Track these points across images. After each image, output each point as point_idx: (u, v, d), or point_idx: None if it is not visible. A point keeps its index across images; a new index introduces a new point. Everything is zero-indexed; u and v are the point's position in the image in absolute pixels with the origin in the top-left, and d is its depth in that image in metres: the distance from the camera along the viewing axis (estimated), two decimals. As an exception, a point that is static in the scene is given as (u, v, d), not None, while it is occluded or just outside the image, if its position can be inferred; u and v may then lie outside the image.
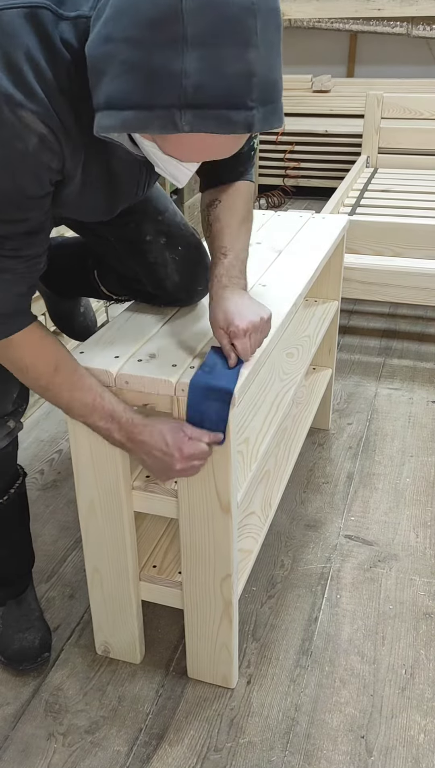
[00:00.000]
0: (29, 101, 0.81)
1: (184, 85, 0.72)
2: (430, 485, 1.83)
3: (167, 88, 0.73)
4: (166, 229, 1.19)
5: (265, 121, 0.77)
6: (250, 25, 0.73)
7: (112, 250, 1.25)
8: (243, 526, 1.37)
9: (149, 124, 0.75)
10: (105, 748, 1.21)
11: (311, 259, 1.51)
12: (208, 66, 0.72)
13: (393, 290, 2.39)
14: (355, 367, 2.41)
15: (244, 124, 0.75)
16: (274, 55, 0.77)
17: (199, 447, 1.03)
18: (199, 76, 0.72)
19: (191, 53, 0.71)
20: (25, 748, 1.21)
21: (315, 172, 4.35)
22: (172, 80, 0.72)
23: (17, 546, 1.37)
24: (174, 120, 0.74)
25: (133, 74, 0.74)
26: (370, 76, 4.76)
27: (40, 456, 1.97)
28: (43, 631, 1.38)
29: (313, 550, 1.63)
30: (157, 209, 1.19)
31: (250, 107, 0.75)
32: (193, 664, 1.31)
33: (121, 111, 0.75)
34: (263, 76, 0.75)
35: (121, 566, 1.24)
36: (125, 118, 0.75)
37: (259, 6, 0.73)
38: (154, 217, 1.18)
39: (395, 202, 3.07)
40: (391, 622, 1.44)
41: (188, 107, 0.73)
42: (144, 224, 1.18)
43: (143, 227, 1.18)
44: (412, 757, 1.18)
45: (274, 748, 1.20)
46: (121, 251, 1.23)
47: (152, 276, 1.22)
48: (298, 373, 1.52)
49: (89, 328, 1.67)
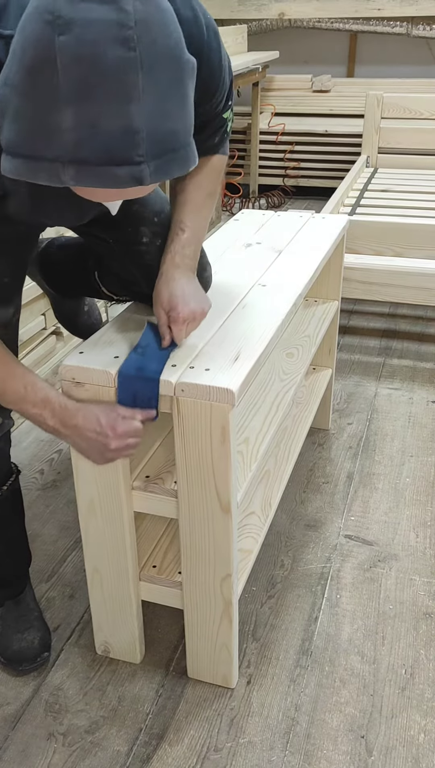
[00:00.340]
0: None
1: (64, 140, 0.70)
2: (430, 485, 1.84)
3: (49, 141, 0.71)
4: (163, 231, 1.19)
5: (160, 173, 0.75)
6: (130, 79, 0.70)
7: (110, 251, 1.25)
8: (243, 526, 1.37)
9: (37, 174, 0.73)
10: (105, 748, 1.21)
11: (311, 259, 1.51)
12: (84, 122, 0.70)
13: (393, 290, 2.39)
14: (355, 367, 2.41)
15: (131, 179, 0.73)
16: (170, 103, 0.74)
17: (132, 425, 1.05)
18: (76, 132, 0.70)
19: (67, 108, 0.69)
20: (25, 748, 1.21)
21: (315, 172, 4.36)
22: (54, 134, 0.71)
23: (12, 545, 1.37)
24: (57, 173, 0.72)
25: (22, 123, 0.72)
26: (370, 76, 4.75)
27: (39, 456, 1.97)
28: (43, 631, 1.38)
29: (313, 550, 1.63)
30: (154, 211, 1.19)
31: (136, 162, 0.72)
32: (193, 664, 1.31)
33: (15, 158, 0.74)
34: (151, 129, 0.72)
35: (120, 566, 1.24)
36: (17, 165, 0.74)
37: (141, 59, 0.70)
38: (150, 219, 1.18)
39: (395, 202, 3.07)
40: (391, 622, 1.44)
41: (70, 162, 0.71)
42: (140, 226, 1.18)
43: (140, 229, 1.18)
44: (412, 757, 1.18)
45: (274, 748, 1.20)
46: (118, 253, 1.23)
47: (149, 278, 1.22)
48: (298, 373, 1.52)
49: (93, 327, 1.68)
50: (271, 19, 4.61)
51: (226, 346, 1.14)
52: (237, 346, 1.13)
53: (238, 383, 1.03)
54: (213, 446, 1.06)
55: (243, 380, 1.04)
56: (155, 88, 0.72)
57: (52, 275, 1.50)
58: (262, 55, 4.22)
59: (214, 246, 1.59)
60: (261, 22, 4.65)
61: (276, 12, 4.58)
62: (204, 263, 1.25)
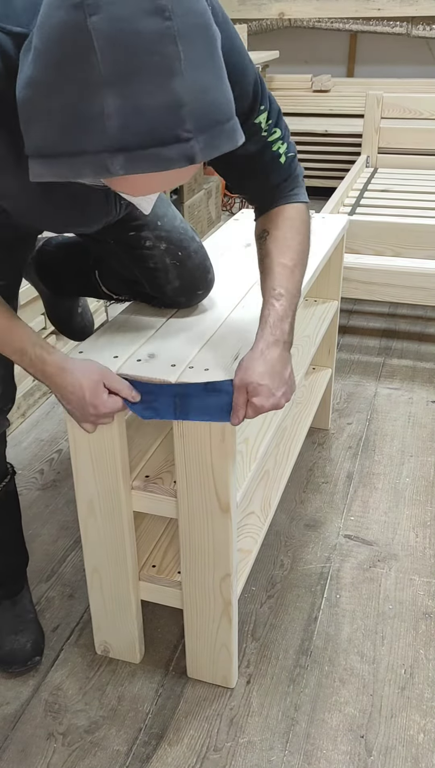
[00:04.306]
0: None
1: (108, 127, 0.67)
2: (430, 485, 1.84)
3: (92, 132, 0.68)
4: (166, 235, 1.18)
5: (210, 148, 0.71)
6: (170, 51, 0.66)
7: (112, 253, 1.24)
8: (242, 526, 1.37)
9: (82, 171, 0.70)
10: (104, 748, 1.21)
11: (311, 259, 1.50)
12: (129, 104, 0.66)
13: (393, 290, 2.39)
14: (355, 367, 2.41)
15: (182, 157, 0.69)
16: (209, 75, 0.70)
17: (114, 404, 1.03)
18: (121, 116, 0.66)
19: (109, 92, 0.66)
20: (24, 748, 1.21)
21: (315, 171, 4.35)
22: (95, 124, 0.67)
23: (7, 545, 1.36)
24: (105, 165, 0.69)
25: (57, 120, 0.69)
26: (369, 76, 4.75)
27: (39, 456, 1.97)
28: (37, 634, 1.37)
29: (312, 549, 1.63)
30: (157, 214, 1.18)
31: (185, 139, 0.69)
32: (193, 664, 1.31)
33: (51, 159, 0.71)
34: (196, 102, 0.69)
35: (120, 566, 1.24)
36: (56, 166, 0.71)
37: (178, 28, 0.67)
38: (154, 223, 1.18)
39: (395, 201, 3.07)
40: (390, 621, 1.44)
41: (118, 150, 0.68)
42: (144, 230, 1.17)
43: (143, 233, 1.17)
44: (411, 757, 1.18)
45: (274, 747, 1.20)
46: (121, 256, 1.23)
47: (153, 281, 1.22)
48: (298, 373, 1.52)
49: (87, 328, 1.67)
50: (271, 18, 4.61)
51: (226, 345, 1.14)
52: (237, 346, 1.13)
53: (237, 383, 1.03)
54: (212, 446, 1.06)
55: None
56: (194, 58, 0.68)
57: (49, 275, 1.50)
58: (262, 55, 4.22)
59: (214, 246, 1.59)
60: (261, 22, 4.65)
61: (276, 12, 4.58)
62: (208, 266, 1.25)
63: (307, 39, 4.77)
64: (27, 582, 1.43)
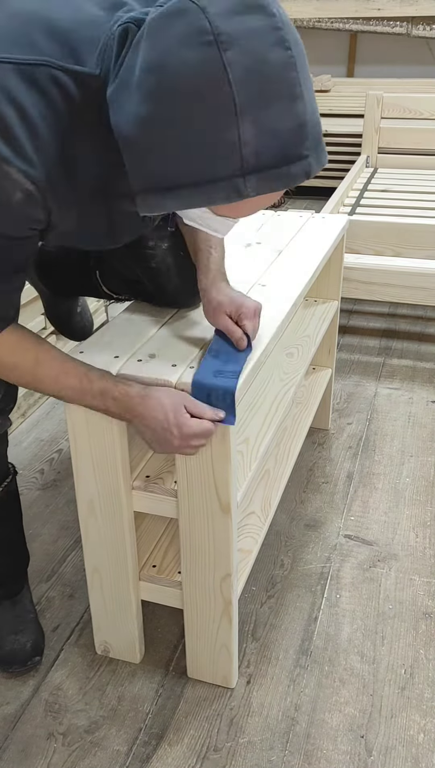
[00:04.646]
0: (16, 157, 0.80)
1: (244, 153, 0.73)
2: (430, 485, 1.84)
3: (227, 159, 0.73)
4: (168, 234, 1.19)
5: (317, 164, 0.78)
6: (293, 77, 0.74)
7: (114, 253, 1.25)
8: (243, 526, 1.37)
9: (214, 198, 0.75)
10: (105, 748, 1.21)
11: (311, 259, 1.51)
12: (264, 129, 0.73)
13: (393, 290, 2.39)
14: (355, 367, 2.41)
15: (303, 173, 0.77)
16: (313, 96, 0.79)
17: (200, 427, 1.01)
18: (256, 141, 0.72)
19: (245, 120, 0.72)
20: (24, 748, 1.21)
21: (315, 171, 4.35)
22: (230, 151, 0.72)
23: (8, 545, 1.36)
24: (238, 188, 0.74)
25: (186, 153, 0.74)
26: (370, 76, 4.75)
27: (40, 456, 1.97)
28: (36, 634, 1.37)
29: (312, 549, 1.63)
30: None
31: (304, 156, 0.76)
32: (193, 664, 1.31)
33: (178, 190, 0.75)
34: (312, 121, 0.76)
35: (120, 566, 1.24)
36: (185, 196, 0.76)
37: (295, 57, 0.75)
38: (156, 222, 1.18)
39: (395, 201, 3.07)
40: (390, 621, 1.44)
41: (250, 173, 0.74)
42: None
43: (145, 233, 1.18)
44: (411, 757, 1.18)
45: (274, 747, 1.20)
46: (122, 255, 1.23)
47: (154, 280, 1.22)
48: (298, 372, 1.52)
49: (86, 329, 1.67)
50: (271, 18, 4.61)
51: (226, 346, 1.14)
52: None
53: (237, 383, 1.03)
54: (213, 446, 1.06)
55: (243, 380, 1.04)
56: (306, 83, 0.76)
57: (50, 275, 1.50)
58: (262, 55, 4.21)
59: (214, 246, 1.59)
60: (261, 22, 4.65)
61: (276, 12, 4.57)
62: None
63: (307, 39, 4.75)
64: (27, 582, 1.43)
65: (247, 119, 0.72)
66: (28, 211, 0.85)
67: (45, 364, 1.02)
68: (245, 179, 0.74)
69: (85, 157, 0.85)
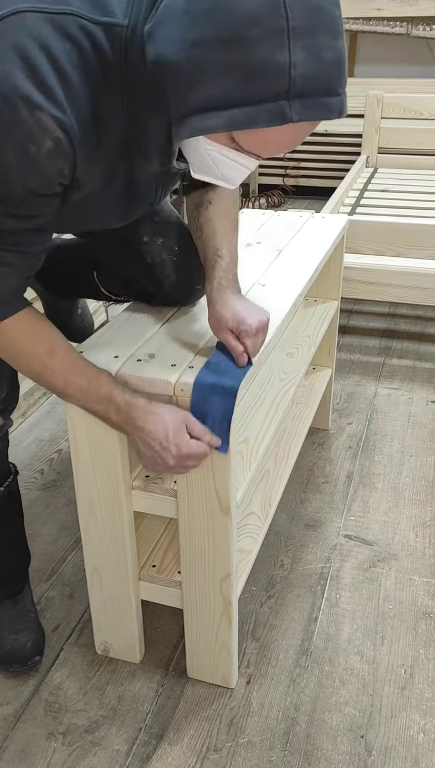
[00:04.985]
0: (48, 103, 0.80)
1: (293, 75, 0.74)
2: (430, 485, 1.84)
3: (275, 81, 0.75)
4: (163, 230, 1.19)
5: (345, 106, 0.81)
6: (337, 15, 0.78)
7: (110, 251, 1.25)
8: (242, 526, 1.37)
9: (257, 119, 0.76)
10: (105, 748, 1.21)
11: (311, 259, 1.51)
12: (312, 56, 0.75)
13: (393, 290, 2.39)
14: (355, 367, 2.41)
15: (339, 108, 0.79)
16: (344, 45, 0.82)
17: (199, 448, 1.02)
18: (305, 66, 0.75)
19: (297, 44, 0.74)
20: (24, 748, 1.21)
21: (315, 171, 4.35)
22: (279, 73, 0.74)
23: (10, 545, 1.36)
24: (283, 111, 0.76)
25: (236, 72, 0.75)
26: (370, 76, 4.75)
27: (39, 455, 1.97)
28: (37, 634, 1.37)
29: (312, 549, 1.63)
30: (154, 210, 1.19)
31: (340, 93, 0.79)
32: (193, 664, 1.31)
33: (224, 111, 0.77)
34: (345, 62, 0.80)
35: (120, 566, 1.24)
36: (231, 116, 0.77)
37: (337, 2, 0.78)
38: (151, 218, 1.18)
39: (395, 201, 3.07)
40: (390, 621, 1.44)
41: (296, 97, 0.75)
42: (141, 225, 1.18)
43: (140, 228, 1.18)
44: (411, 757, 1.18)
45: (274, 747, 1.20)
46: (118, 252, 1.23)
47: (151, 276, 1.22)
48: (298, 372, 1.52)
49: (86, 330, 1.67)
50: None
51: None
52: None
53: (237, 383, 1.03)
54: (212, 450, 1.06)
55: (243, 380, 1.04)
56: (341, 26, 0.79)
57: (49, 276, 1.50)
58: (262, 55, 4.21)
59: (213, 246, 1.59)
60: (261, 22, 4.65)
61: (276, 12, 4.58)
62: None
63: (307, 39, 4.77)
64: (28, 582, 1.43)
65: (299, 44, 0.74)
66: (56, 164, 0.85)
67: (58, 357, 1.01)
68: (291, 103, 0.75)
69: (111, 109, 0.85)
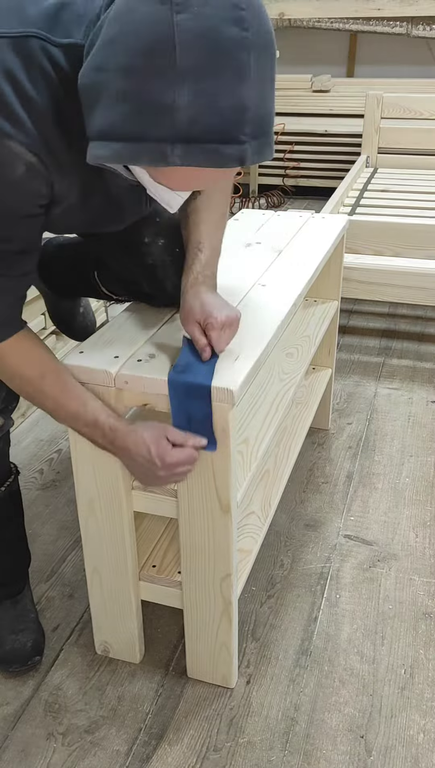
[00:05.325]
0: (16, 131, 0.81)
1: (176, 118, 0.71)
2: (430, 485, 1.84)
3: (158, 120, 0.72)
4: (164, 231, 1.19)
5: (257, 155, 0.76)
6: (244, 59, 0.72)
7: (111, 252, 1.25)
8: (242, 526, 1.37)
9: (140, 157, 0.74)
10: (104, 748, 1.21)
11: (311, 259, 1.51)
12: (202, 100, 0.71)
13: (393, 290, 2.39)
14: (355, 367, 2.41)
15: (236, 158, 0.75)
16: (268, 89, 0.76)
17: (183, 454, 1.04)
18: (192, 109, 0.71)
19: (184, 86, 0.70)
20: (24, 748, 1.21)
21: (315, 171, 4.35)
22: (163, 113, 0.71)
23: (11, 545, 1.36)
24: (164, 153, 0.73)
25: (125, 105, 0.73)
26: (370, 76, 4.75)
27: (39, 455, 1.97)
28: (37, 634, 1.37)
29: (312, 549, 1.63)
30: (155, 211, 1.19)
31: (242, 141, 0.74)
32: (193, 664, 1.31)
33: (112, 142, 0.75)
34: (256, 110, 0.74)
35: (120, 566, 1.24)
36: (116, 149, 0.75)
37: (253, 41, 0.72)
38: (152, 219, 1.18)
39: (395, 201, 3.07)
40: (390, 621, 1.44)
41: (179, 141, 0.72)
42: (142, 227, 1.18)
43: (141, 230, 1.18)
44: (411, 757, 1.18)
45: (274, 747, 1.20)
46: (119, 253, 1.23)
47: (151, 277, 1.22)
48: (298, 372, 1.52)
49: (88, 329, 1.68)
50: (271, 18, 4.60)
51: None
52: (237, 345, 1.13)
53: (237, 383, 1.03)
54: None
55: (243, 380, 1.04)
56: (261, 69, 0.74)
57: (50, 275, 1.50)
58: (262, 55, 4.21)
59: (214, 246, 1.59)
60: (261, 22, 4.65)
61: (276, 12, 4.58)
62: None
63: (307, 39, 4.77)
64: (28, 582, 1.43)
65: (186, 86, 0.70)
66: (33, 184, 0.86)
67: (48, 381, 1.04)
68: (173, 146, 0.72)
69: (79, 123, 0.86)
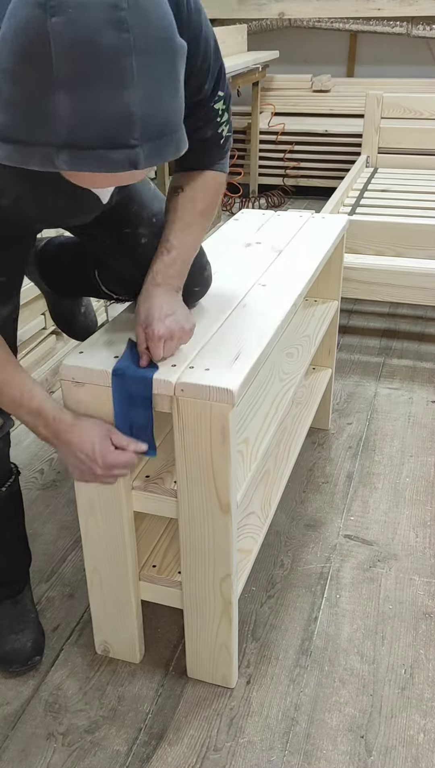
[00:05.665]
0: None
1: (57, 126, 0.70)
2: (430, 485, 1.84)
3: (42, 126, 0.70)
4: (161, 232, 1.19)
5: (153, 157, 0.74)
6: (124, 63, 0.69)
7: (109, 251, 1.25)
8: (242, 526, 1.37)
9: (29, 160, 0.73)
10: (104, 748, 1.21)
11: (311, 259, 1.51)
12: (80, 108, 0.69)
13: (393, 290, 2.39)
14: (355, 367, 2.41)
15: (127, 162, 0.72)
16: (163, 88, 0.73)
17: (124, 457, 1.06)
18: (71, 118, 0.69)
19: (61, 94, 0.68)
20: (24, 748, 1.21)
21: (315, 171, 4.35)
22: (45, 120, 0.70)
23: (11, 545, 1.37)
24: (51, 159, 0.72)
25: (15, 108, 0.71)
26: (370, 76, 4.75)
27: (39, 455, 1.97)
28: (37, 634, 1.37)
29: (312, 549, 1.63)
30: (152, 212, 1.19)
31: (132, 145, 0.72)
32: (193, 664, 1.31)
33: (6, 144, 0.74)
34: (146, 114, 0.72)
35: (120, 566, 1.24)
36: (8, 151, 0.74)
37: (134, 42, 0.69)
38: (149, 221, 1.18)
39: (395, 201, 3.07)
40: (390, 621, 1.44)
41: (64, 147, 0.71)
42: (139, 228, 1.18)
43: (138, 231, 1.18)
44: (411, 757, 1.18)
45: (274, 747, 1.20)
46: (118, 254, 1.23)
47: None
48: (298, 372, 1.52)
49: (89, 328, 1.67)
50: (271, 18, 4.61)
51: (226, 345, 1.14)
52: (237, 345, 1.13)
53: (237, 383, 1.03)
54: (213, 446, 1.06)
55: (243, 380, 1.05)
56: (148, 71, 0.71)
57: (51, 274, 1.50)
58: (262, 55, 4.22)
59: (214, 246, 1.59)
60: (261, 22, 4.65)
61: (276, 12, 4.58)
62: (203, 263, 1.25)
63: (307, 39, 4.77)
64: (29, 582, 1.43)
65: (63, 94, 0.68)
66: None
67: None
68: (58, 151, 0.71)
69: None
